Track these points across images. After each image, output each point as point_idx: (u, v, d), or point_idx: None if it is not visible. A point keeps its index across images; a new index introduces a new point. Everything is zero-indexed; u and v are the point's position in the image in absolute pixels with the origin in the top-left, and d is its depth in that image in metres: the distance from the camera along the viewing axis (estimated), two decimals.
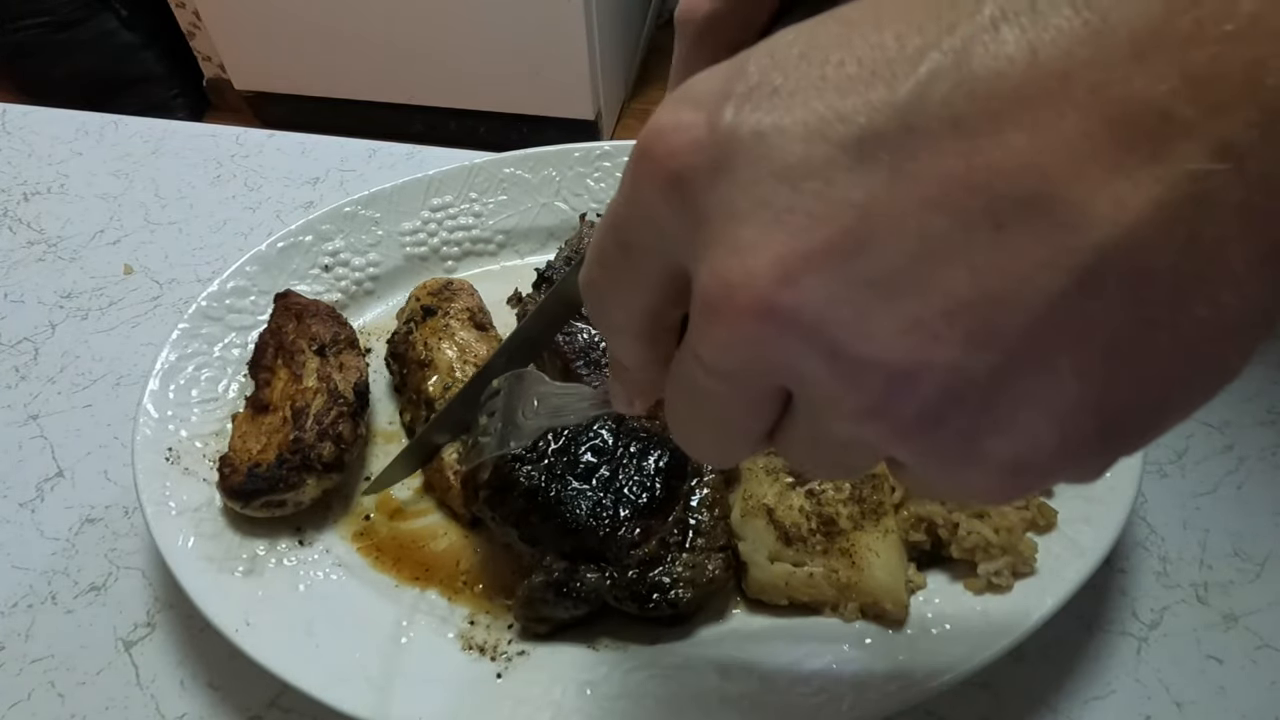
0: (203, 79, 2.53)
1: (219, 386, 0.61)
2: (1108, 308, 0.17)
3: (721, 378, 0.22)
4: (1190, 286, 0.17)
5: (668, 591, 0.47)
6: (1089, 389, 0.18)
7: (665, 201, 0.21)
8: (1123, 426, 0.19)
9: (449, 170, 0.72)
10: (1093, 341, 0.18)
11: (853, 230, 0.18)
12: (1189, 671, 0.48)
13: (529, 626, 0.49)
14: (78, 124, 0.93)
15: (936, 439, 0.20)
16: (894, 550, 0.47)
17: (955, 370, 0.18)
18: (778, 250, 0.19)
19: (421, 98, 2.32)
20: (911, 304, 0.18)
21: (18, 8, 2.16)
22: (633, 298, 0.25)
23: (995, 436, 0.19)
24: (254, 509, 0.52)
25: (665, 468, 0.50)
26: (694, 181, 0.20)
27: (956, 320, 0.18)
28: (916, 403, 0.19)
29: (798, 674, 0.45)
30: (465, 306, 0.63)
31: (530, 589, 0.48)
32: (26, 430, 0.65)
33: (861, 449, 0.22)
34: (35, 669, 0.52)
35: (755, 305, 0.19)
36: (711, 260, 0.20)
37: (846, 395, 0.20)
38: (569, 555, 0.48)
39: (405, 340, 0.62)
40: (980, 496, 0.22)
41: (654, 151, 0.21)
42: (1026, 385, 0.18)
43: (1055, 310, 0.17)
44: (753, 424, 0.24)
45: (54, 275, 0.77)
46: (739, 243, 0.19)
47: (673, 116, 0.21)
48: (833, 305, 0.19)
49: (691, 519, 0.49)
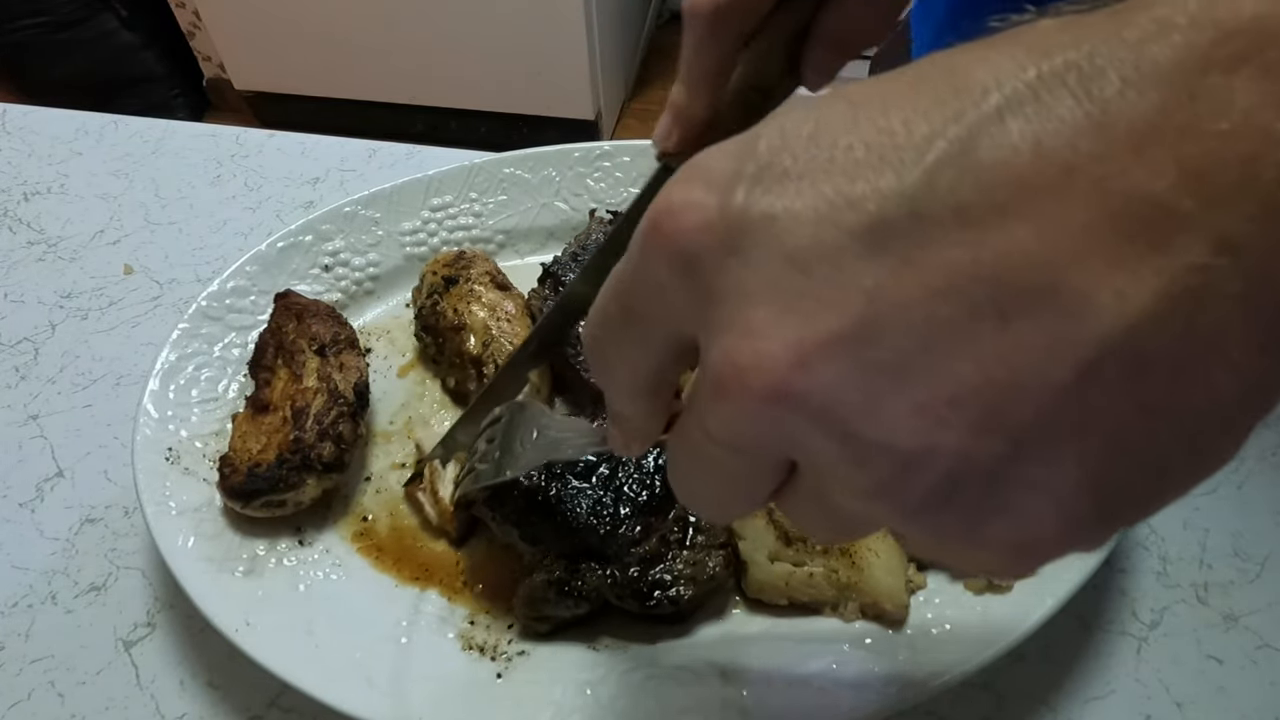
0: (203, 79, 2.53)
1: (219, 386, 0.61)
2: (1108, 396, 0.18)
3: (727, 448, 0.22)
4: (1188, 375, 0.17)
5: (669, 589, 0.47)
6: (1088, 473, 0.19)
7: (674, 276, 0.21)
8: (1121, 507, 0.20)
9: (449, 170, 0.72)
10: (1093, 429, 0.18)
11: (863, 317, 0.18)
12: (1189, 671, 0.48)
13: (530, 626, 0.49)
14: (78, 124, 0.93)
15: (941, 520, 0.20)
16: (894, 550, 0.47)
17: (961, 455, 0.19)
18: (789, 335, 0.19)
19: (422, 98, 2.32)
20: (920, 391, 0.18)
21: (18, 8, 2.16)
22: (636, 358, 0.25)
23: (998, 519, 0.20)
24: (254, 509, 0.52)
25: (665, 465, 0.50)
26: (705, 260, 0.20)
27: (963, 407, 0.18)
28: (923, 485, 0.19)
29: (798, 674, 0.45)
30: (484, 270, 0.64)
31: (531, 588, 0.48)
32: (26, 430, 0.65)
33: (866, 521, 0.23)
34: (35, 669, 0.52)
35: (767, 388, 0.19)
36: (722, 341, 0.20)
37: (855, 474, 0.20)
38: (569, 554, 0.48)
39: (434, 311, 0.62)
40: (988, 573, 0.23)
41: (665, 228, 0.21)
42: (1029, 470, 0.19)
43: (1058, 400, 0.18)
44: (756, 490, 0.24)
45: (54, 275, 0.77)
46: (750, 325, 0.20)
47: (684, 194, 0.21)
48: (843, 389, 0.19)
49: (692, 516, 0.49)
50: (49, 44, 2.22)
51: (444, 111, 2.33)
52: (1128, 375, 0.17)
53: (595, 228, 0.69)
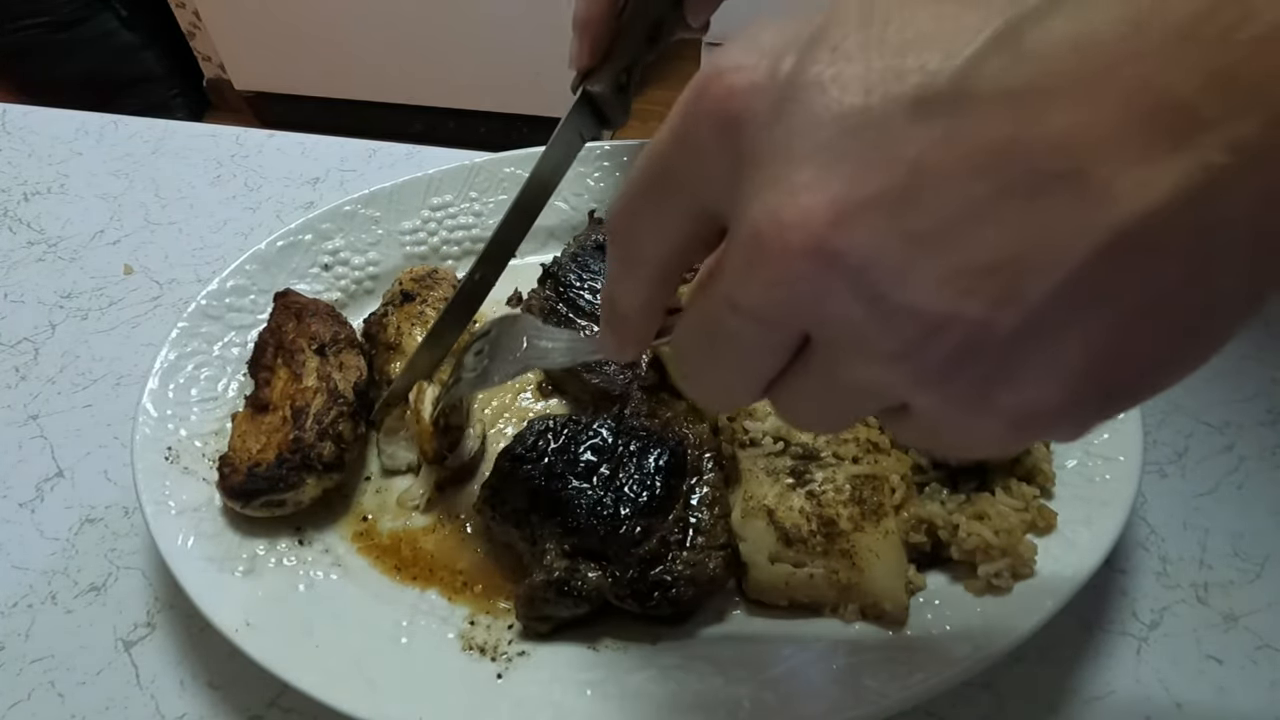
0: (203, 79, 2.53)
1: (218, 386, 0.60)
2: (1119, 279, 0.19)
3: (751, 318, 0.23)
4: (1193, 267, 0.19)
5: (669, 589, 0.47)
6: (1094, 352, 0.20)
7: (716, 139, 0.22)
8: (1122, 388, 0.21)
9: (449, 169, 0.72)
10: (1105, 310, 0.19)
11: (903, 183, 0.19)
12: (1189, 671, 0.48)
13: (530, 625, 0.49)
14: (78, 124, 0.93)
15: (954, 386, 0.21)
16: (894, 551, 0.47)
17: (981, 323, 0.20)
18: (833, 193, 0.20)
19: (421, 98, 2.32)
20: (951, 258, 0.19)
21: (18, 8, 2.16)
22: (663, 230, 0.26)
23: (1007, 388, 0.21)
24: (254, 509, 0.52)
25: (665, 466, 0.50)
26: (751, 123, 0.21)
27: (987, 278, 0.19)
28: (942, 351, 0.20)
29: (798, 675, 0.45)
30: (444, 296, 0.63)
31: (531, 588, 0.48)
32: (26, 430, 0.65)
33: (872, 394, 0.23)
34: (35, 669, 0.52)
35: (807, 243, 0.20)
36: (764, 199, 0.21)
37: (879, 338, 0.21)
38: (570, 554, 0.48)
39: (379, 322, 0.62)
40: (981, 445, 0.23)
41: (711, 90, 0.22)
42: (1041, 344, 0.20)
43: (1073, 278, 0.19)
44: (767, 367, 0.25)
45: (54, 275, 0.77)
46: (794, 183, 0.20)
47: (734, 58, 0.21)
48: (879, 251, 0.20)
49: (692, 517, 0.49)
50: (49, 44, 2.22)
51: (443, 111, 2.33)
52: (1138, 261, 0.19)
53: (595, 228, 0.69)
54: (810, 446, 0.51)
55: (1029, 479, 0.50)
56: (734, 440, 0.52)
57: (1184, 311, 0.19)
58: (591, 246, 0.66)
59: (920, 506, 0.50)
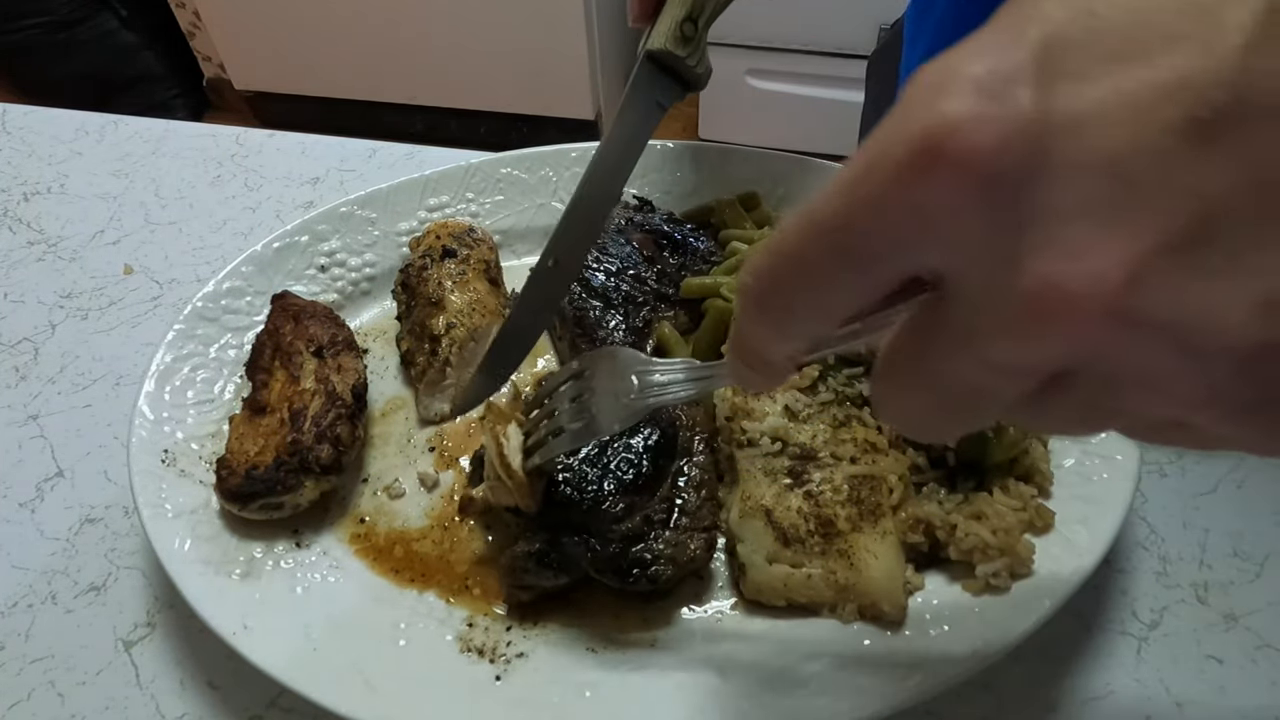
0: (203, 79, 2.53)
1: (215, 388, 0.60)
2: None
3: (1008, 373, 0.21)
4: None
5: (648, 567, 0.47)
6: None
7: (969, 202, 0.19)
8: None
9: (445, 170, 0.72)
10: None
11: (1194, 220, 0.18)
12: (1189, 671, 0.48)
13: (513, 594, 0.49)
14: (78, 124, 0.93)
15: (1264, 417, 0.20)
16: (892, 552, 0.47)
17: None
18: (1121, 251, 0.18)
19: (422, 98, 2.32)
20: (1255, 286, 0.18)
21: (18, 8, 2.17)
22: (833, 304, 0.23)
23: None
24: (251, 511, 0.52)
25: (654, 446, 0.50)
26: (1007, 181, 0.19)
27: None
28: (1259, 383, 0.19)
29: (797, 675, 0.45)
30: (483, 258, 0.65)
31: (512, 557, 0.48)
32: (26, 430, 0.65)
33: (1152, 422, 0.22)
34: (35, 669, 0.52)
35: (1107, 308, 0.18)
36: (1040, 263, 0.19)
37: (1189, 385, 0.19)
38: (553, 526, 0.49)
39: (420, 275, 0.63)
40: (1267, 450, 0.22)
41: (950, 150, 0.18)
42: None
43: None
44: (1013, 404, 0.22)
45: (54, 275, 0.77)
46: (1073, 245, 0.18)
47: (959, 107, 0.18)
48: (1182, 301, 0.18)
49: (678, 498, 0.50)
50: (49, 44, 2.22)
51: (444, 111, 2.33)
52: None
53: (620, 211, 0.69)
54: (808, 447, 0.50)
55: (1027, 478, 0.50)
56: (732, 440, 0.52)
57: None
58: (613, 230, 0.66)
59: (918, 506, 0.49)
